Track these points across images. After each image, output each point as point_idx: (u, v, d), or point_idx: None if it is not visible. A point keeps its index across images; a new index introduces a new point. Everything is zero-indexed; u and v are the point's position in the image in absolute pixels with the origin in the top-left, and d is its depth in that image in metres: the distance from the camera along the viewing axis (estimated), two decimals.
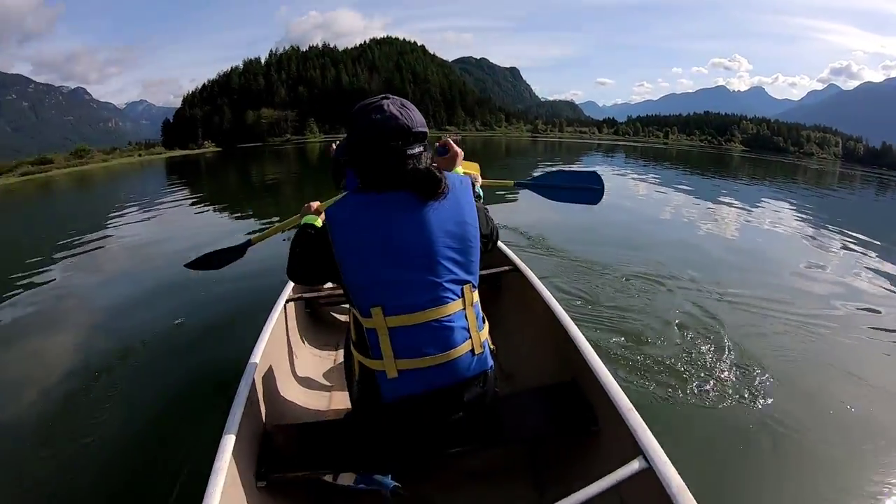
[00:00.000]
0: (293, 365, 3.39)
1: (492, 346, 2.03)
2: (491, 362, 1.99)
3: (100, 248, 11.53)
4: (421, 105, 2.46)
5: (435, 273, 1.83)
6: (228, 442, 1.97)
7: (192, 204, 17.94)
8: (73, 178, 51.14)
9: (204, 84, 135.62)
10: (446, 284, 1.85)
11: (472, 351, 1.91)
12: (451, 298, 1.86)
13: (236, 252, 3.76)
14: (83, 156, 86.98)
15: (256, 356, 2.67)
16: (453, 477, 2.48)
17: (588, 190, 3.31)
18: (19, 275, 9.48)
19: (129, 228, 13.52)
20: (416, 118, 1.88)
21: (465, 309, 1.90)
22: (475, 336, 1.92)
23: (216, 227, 12.29)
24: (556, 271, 6.69)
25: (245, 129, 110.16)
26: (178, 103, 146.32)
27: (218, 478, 1.80)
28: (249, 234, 10.12)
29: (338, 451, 2.22)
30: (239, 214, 14.10)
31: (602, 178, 3.33)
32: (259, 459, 2.18)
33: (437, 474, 2.47)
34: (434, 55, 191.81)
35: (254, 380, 2.46)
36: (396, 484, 2.05)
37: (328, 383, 3.45)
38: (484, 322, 2.00)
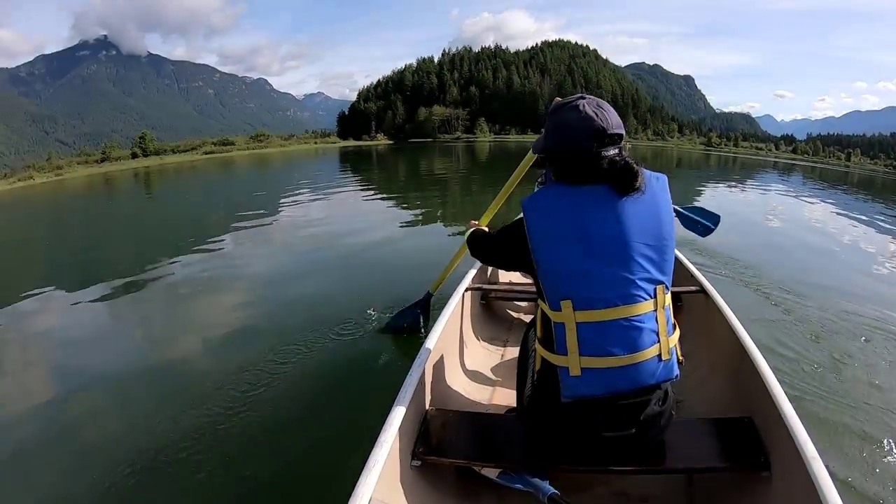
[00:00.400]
0: (462, 354, 3.36)
1: (680, 357, 1.90)
2: (677, 371, 1.86)
3: (272, 223, 12.13)
4: None
5: (628, 269, 1.76)
6: (394, 419, 2.02)
7: (362, 191, 18.54)
8: (252, 159, 54.93)
9: (378, 80, 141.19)
10: (639, 282, 1.76)
11: (659, 356, 1.80)
12: (643, 298, 1.77)
13: (423, 308, 4.69)
14: (262, 140, 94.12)
15: (431, 340, 2.68)
16: (607, 495, 2.31)
17: (706, 226, 3.94)
18: (196, 239, 10.00)
19: (301, 208, 14.16)
20: (612, 119, 1.80)
21: (656, 311, 1.79)
22: (664, 341, 1.80)
23: (382, 214, 12.56)
24: (745, 299, 5.93)
25: (416, 125, 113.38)
26: (353, 97, 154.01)
27: (381, 451, 1.86)
28: (401, 227, 9.90)
29: (495, 444, 2.21)
30: (405, 204, 14.28)
31: (720, 219, 3.94)
32: (417, 440, 2.19)
33: (590, 488, 2.32)
34: (606, 60, 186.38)
35: (425, 363, 2.47)
36: (555, 491, 1.95)
37: (493, 377, 3.38)
38: (675, 329, 1.88)
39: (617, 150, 1.81)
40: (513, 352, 3.59)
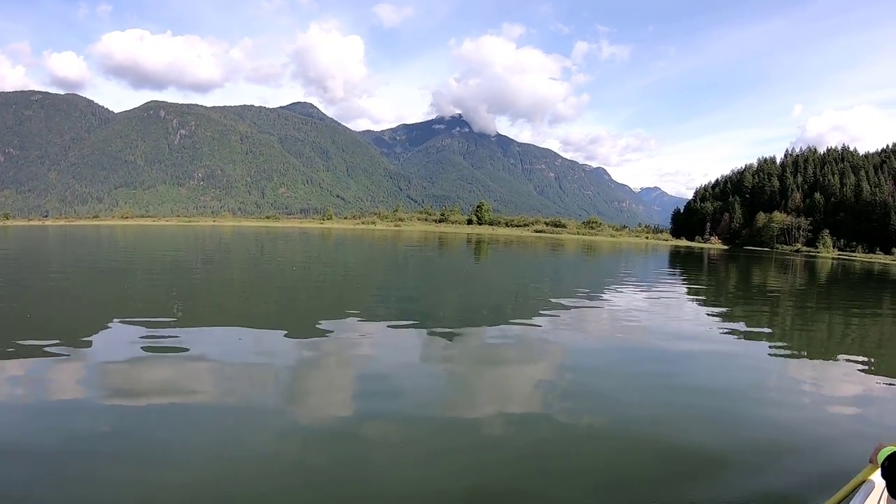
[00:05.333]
0: None
1: None
2: None
3: (592, 307, 12.80)
4: None
5: None
6: None
7: (686, 294, 18.36)
8: (580, 244, 56.39)
9: (717, 179, 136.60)
10: None
11: None
12: None
13: None
14: (594, 227, 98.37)
15: None
16: None
17: None
18: (516, 308, 10.76)
19: (620, 299, 14.60)
20: None
21: None
22: None
23: (700, 324, 12.06)
24: None
25: (754, 231, 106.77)
26: (689, 195, 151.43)
27: None
28: None
29: None
30: (727, 317, 13.54)
31: None
32: None
33: None
34: None
35: None
36: None
37: None
38: None
39: None
40: None
